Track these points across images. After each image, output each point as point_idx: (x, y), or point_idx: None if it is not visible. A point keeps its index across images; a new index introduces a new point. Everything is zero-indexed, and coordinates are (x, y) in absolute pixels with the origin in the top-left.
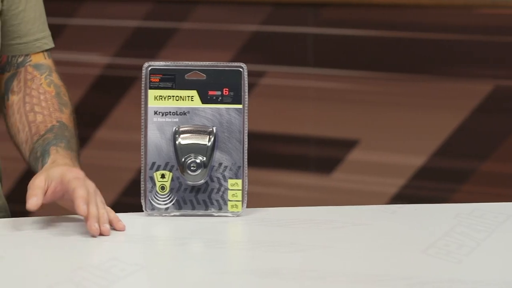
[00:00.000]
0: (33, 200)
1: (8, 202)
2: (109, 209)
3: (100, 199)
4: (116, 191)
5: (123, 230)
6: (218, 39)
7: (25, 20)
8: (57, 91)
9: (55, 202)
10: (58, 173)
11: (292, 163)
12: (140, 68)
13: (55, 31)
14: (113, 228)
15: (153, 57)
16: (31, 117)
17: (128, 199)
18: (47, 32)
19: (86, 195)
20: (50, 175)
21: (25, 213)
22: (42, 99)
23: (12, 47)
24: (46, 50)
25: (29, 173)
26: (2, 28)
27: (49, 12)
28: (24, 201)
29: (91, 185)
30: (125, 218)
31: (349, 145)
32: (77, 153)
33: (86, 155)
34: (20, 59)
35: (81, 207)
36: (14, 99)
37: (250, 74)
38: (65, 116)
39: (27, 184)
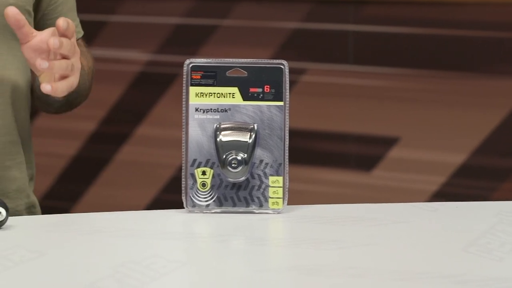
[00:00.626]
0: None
1: (44, 198)
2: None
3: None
4: (156, 187)
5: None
6: (259, 36)
7: (63, 12)
8: (82, 50)
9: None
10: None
11: (332, 160)
12: (180, 65)
13: (96, 28)
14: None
15: (193, 54)
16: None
17: (168, 196)
18: (78, 20)
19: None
20: None
21: (61, 210)
22: None
23: None
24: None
25: (66, 170)
26: (40, 22)
27: (90, 9)
28: (60, 198)
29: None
30: (165, 214)
31: (389, 142)
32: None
33: (127, 152)
34: None
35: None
36: None
37: (290, 71)
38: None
39: (63, 182)
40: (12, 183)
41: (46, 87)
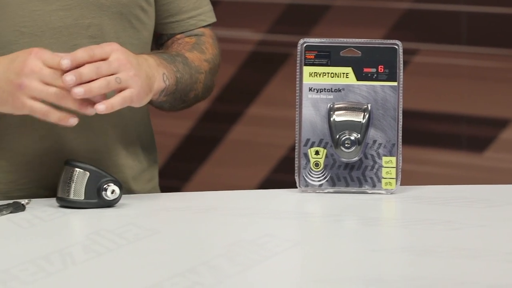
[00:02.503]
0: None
1: (160, 177)
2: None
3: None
4: (268, 167)
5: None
6: (371, 16)
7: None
8: (198, 42)
9: None
10: None
11: (445, 141)
12: (292, 44)
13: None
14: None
15: (305, 34)
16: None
17: (280, 175)
18: (205, 8)
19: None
20: None
21: (174, 189)
22: (175, 45)
23: (166, 26)
24: (203, 26)
25: (179, 149)
26: (156, 6)
27: None
28: (173, 177)
29: (121, 56)
30: (278, 194)
31: (501, 124)
32: (181, 73)
33: (238, 131)
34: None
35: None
36: None
37: (403, 51)
38: (192, 54)
39: (176, 160)
40: (129, 171)
41: (99, 107)
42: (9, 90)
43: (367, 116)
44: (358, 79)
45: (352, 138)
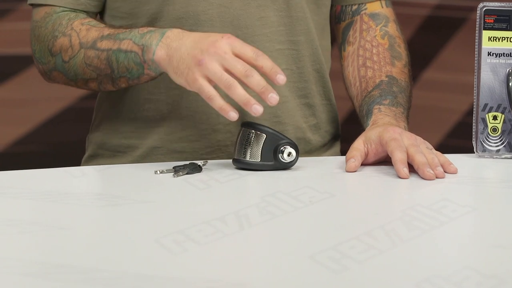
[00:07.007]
0: (351, 162)
1: (341, 141)
2: (437, 153)
3: (424, 146)
4: (442, 132)
5: (455, 173)
6: None
7: None
8: (391, 43)
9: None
10: (376, 134)
11: None
12: (468, 9)
13: None
14: (444, 171)
15: None
16: (362, 72)
17: (453, 140)
18: None
19: (404, 157)
20: (368, 137)
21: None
22: (374, 52)
23: None
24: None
25: (355, 113)
26: None
27: None
28: (350, 141)
29: (409, 138)
30: (455, 159)
31: None
32: (405, 107)
33: (413, 96)
34: (354, 7)
35: (401, 171)
36: (349, 50)
37: None
38: (396, 69)
39: (354, 124)
40: (307, 145)
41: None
42: (188, 63)
43: None
44: None
45: None
